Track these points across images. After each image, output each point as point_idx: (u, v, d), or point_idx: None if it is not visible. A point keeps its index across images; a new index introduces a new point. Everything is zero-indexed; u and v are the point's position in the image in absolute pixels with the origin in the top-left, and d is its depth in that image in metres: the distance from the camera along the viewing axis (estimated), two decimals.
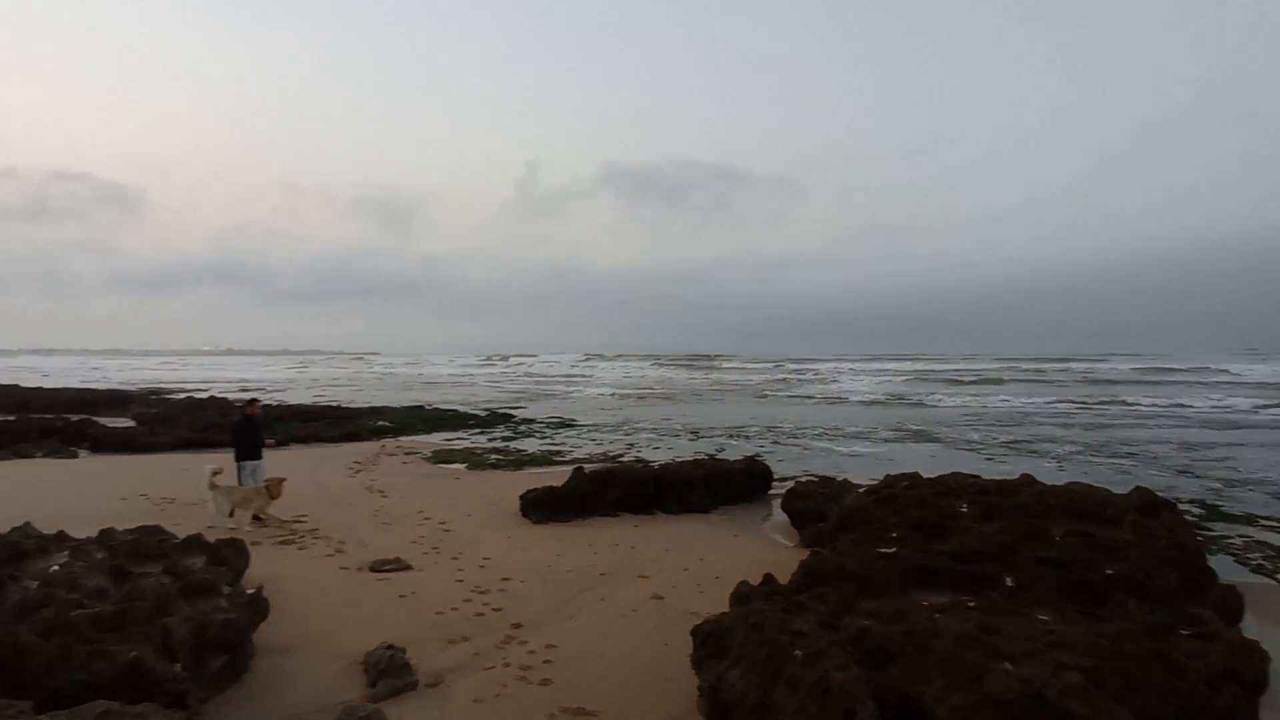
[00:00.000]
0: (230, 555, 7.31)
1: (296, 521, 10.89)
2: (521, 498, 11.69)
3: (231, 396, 37.98)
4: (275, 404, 32.97)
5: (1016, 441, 21.52)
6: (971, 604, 5.27)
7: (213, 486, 10.73)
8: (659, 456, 17.88)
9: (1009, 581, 5.93)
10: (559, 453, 19.19)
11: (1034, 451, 19.31)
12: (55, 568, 6.30)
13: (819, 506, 10.49)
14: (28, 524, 7.20)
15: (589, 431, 24.58)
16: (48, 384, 48.10)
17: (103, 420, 23.89)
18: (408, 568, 8.64)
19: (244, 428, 11.79)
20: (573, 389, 52.45)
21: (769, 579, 5.91)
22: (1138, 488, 8.78)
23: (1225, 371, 62.12)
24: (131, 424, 24.07)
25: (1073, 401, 36.70)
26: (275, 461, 17.29)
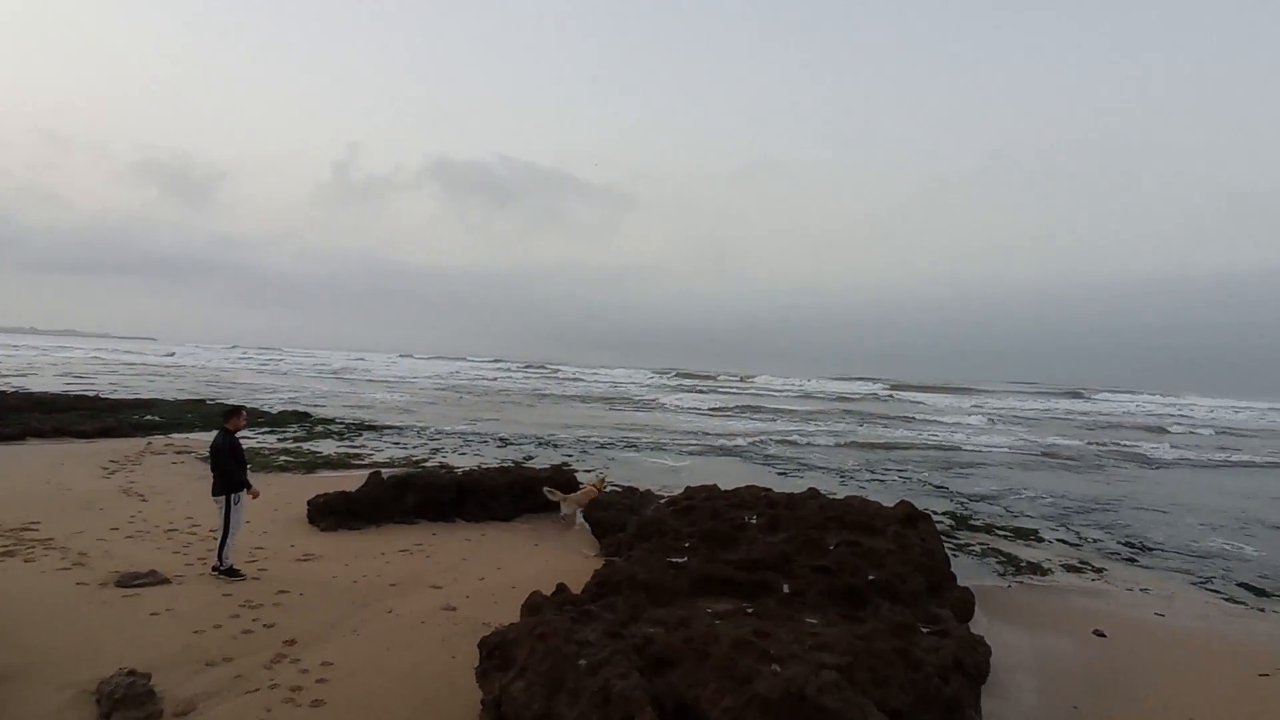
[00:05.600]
0: None
1: (25, 530, 9.35)
2: (310, 503, 10.86)
3: None
4: (10, 390, 28.20)
5: (804, 458, 23.32)
6: (750, 610, 5.59)
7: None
8: (465, 462, 17.41)
9: (785, 588, 6.35)
10: (357, 456, 18.08)
11: (822, 467, 21.01)
12: None
13: (620, 516, 10.69)
14: None
15: (392, 434, 23.42)
16: None
17: None
18: (164, 581, 7.70)
19: (229, 448, 8.43)
20: (380, 389, 49.75)
21: (561, 588, 5.91)
22: (901, 501, 9.78)
23: (985, 398, 71.76)
24: None
25: (876, 419, 40.44)
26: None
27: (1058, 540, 12.84)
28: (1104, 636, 7.94)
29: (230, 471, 8.31)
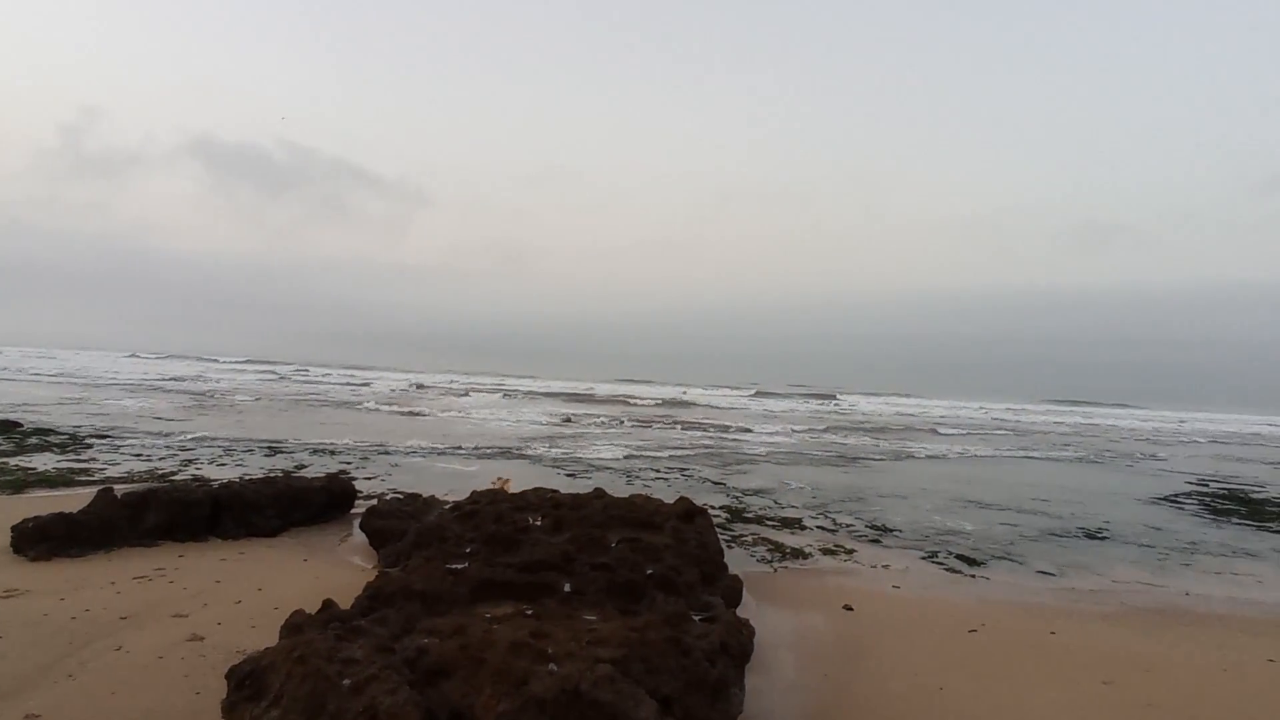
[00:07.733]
0: None
1: None
2: (15, 529, 9.17)
3: None
4: None
5: (593, 459, 23.76)
6: (530, 612, 5.54)
7: None
8: (225, 474, 15.67)
9: (567, 588, 6.38)
10: (85, 471, 15.59)
11: (610, 468, 21.49)
12: None
13: (400, 525, 10.18)
14: None
15: (134, 445, 20.52)
16: None
17: None
18: None
19: None
20: (124, 393, 43.34)
21: (329, 604, 5.47)
22: (681, 498, 10.26)
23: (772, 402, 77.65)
24: None
25: (661, 423, 41.95)
26: None
27: (818, 527, 14.18)
28: (852, 610, 8.87)
29: None
